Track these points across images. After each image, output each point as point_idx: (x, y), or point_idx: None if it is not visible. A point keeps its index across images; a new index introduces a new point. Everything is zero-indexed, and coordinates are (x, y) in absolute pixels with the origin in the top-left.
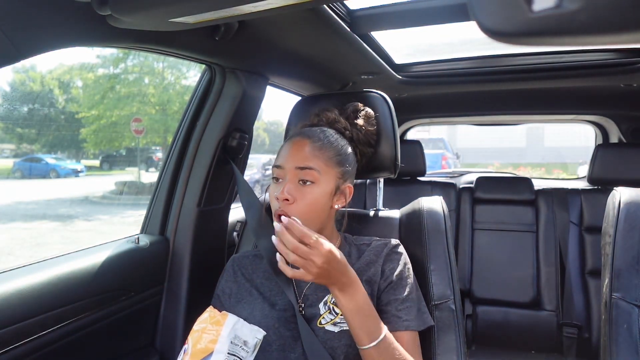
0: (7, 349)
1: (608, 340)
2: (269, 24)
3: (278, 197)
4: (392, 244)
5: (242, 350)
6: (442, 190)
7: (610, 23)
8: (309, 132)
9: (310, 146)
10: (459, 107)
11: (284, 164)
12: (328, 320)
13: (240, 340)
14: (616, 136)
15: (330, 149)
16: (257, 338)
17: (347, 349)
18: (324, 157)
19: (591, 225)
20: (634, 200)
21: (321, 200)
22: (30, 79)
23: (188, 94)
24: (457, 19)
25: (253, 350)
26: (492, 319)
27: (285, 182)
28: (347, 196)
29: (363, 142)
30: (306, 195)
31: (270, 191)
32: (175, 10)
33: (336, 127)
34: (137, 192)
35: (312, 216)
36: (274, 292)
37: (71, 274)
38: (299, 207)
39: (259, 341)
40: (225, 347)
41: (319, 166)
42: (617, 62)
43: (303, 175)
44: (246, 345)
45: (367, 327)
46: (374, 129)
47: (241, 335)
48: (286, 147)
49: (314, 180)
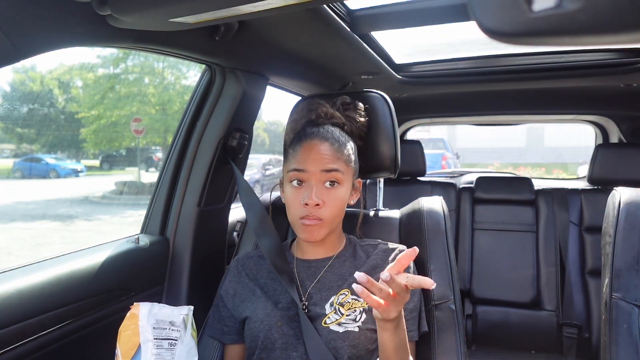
0: (7, 349)
1: (608, 340)
2: (269, 24)
3: (307, 203)
4: (400, 250)
5: (172, 332)
6: (442, 190)
7: (610, 23)
8: (324, 134)
9: (331, 148)
10: (459, 107)
11: (308, 168)
12: (333, 320)
13: (165, 323)
14: (616, 136)
15: (344, 148)
16: (182, 314)
17: (351, 349)
18: (343, 157)
19: (591, 225)
20: (634, 200)
21: (345, 199)
22: (30, 79)
23: (188, 93)
24: (457, 19)
25: (185, 327)
26: (492, 319)
27: (310, 186)
28: (359, 190)
29: (355, 135)
30: (333, 197)
31: (292, 196)
32: (175, 10)
33: (335, 123)
34: (137, 192)
35: (338, 215)
36: (277, 292)
37: (71, 274)
38: (328, 209)
39: (186, 316)
40: (150, 334)
41: (342, 167)
42: (617, 62)
43: (329, 177)
44: (174, 325)
45: (403, 358)
46: (363, 120)
47: (163, 317)
48: (305, 150)
49: (339, 181)
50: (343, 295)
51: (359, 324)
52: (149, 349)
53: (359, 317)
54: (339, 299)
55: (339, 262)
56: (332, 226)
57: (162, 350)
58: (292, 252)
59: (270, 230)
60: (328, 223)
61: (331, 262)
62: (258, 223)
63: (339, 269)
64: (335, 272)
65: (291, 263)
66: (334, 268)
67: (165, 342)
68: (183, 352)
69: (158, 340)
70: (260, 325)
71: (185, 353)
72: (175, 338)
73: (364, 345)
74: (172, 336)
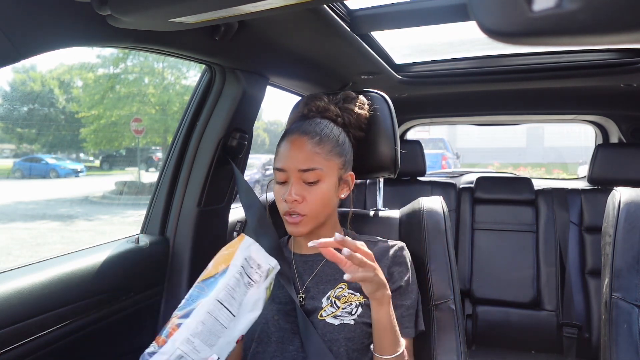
0: (7, 349)
1: (608, 340)
2: (269, 24)
3: (286, 200)
4: (399, 246)
5: (255, 274)
6: (442, 190)
7: (610, 23)
8: (305, 128)
9: (310, 143)
10: (459, 107)
11: (286, 167)
12: (329, 312)
13: (254, 263)
14: (616, 136)
15: (328, 141)
16: (269, 265)
17: (346, 342)
18: (324, 152)
19: (591, 225)
20: (634, 200)
21: (328, 194)
22: (30, 79)
23: (188, 94)
24: (457, 19)
25: (266, 277)
26: (492, 319)
27: (290, 183)
28: (351, 184)
29: (355, 126)
30: (314, 193)
31: (276, 193)
32: (175, 10)
33: (327, 116)
34: (137, 192)
35: (321, 210)
36: (275, 286)
37: (71, 274)
38: (309, 204)
39: (272, 269)
40: (239, 264)
41: (321, 163)
42: (617, 62)
43: (307, 177)
44: (259, 269)
45: (394, 339)
46: (365, 112)
47: (255, 257)
48: (285, 146)
49: (318, 179)
50: (340, 289)
51: (354, 317)
52: (232, 275)
53: (355, 310)
54: (336, 292)
55: None
56: (318, 220)
57: (241, 283)
58: (290, 247)
59: (269, 230)
60: (312, 218)
61: None
62: (257, 223)
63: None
64: (332, 265)
65: (289, 258)
66: (330, 262)
67: (246, 278)
68: (253, 297)
69: (242, 273)
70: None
71: (254, 299)
72: (255, 281)
73: (360, 338)
74: (253, 277)
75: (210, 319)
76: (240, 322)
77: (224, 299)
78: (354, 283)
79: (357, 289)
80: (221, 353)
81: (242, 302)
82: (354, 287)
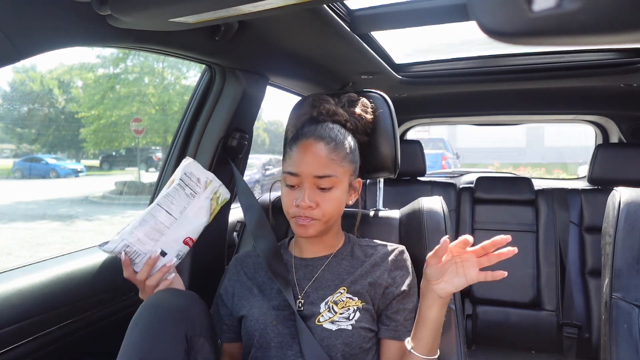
0: (7, 349)
1: (608, 340)
2: (269, 24)
3: (299, 205)
4: (399, 250)
5: (196, 186)
6: (442, 190)
7: (610, 23)
8: (320, 133)
9: (325, 149)
10: (459, 107)
11: (301, 172)
12: (327, 318)
13: (194, 177)
14: (616, 136)
15: (342, 148)
16: (207, 178)
17: (344, 347)
18: (339, 158)
19: (591, 225)
20: (634, 200)
21: (341, 199)
22: (30, 79)
23: (188, 94)
24: (457, 19)
25: (205, 187)
26: (492, 319)
27: (303, 188)
28: (359, 190)
29: (361, 131)
30: (327, 199)
31: (285, 196)
32: (175, 10)
33: (337, 120)
34: (137, 192)
35: (334, 215)
36: (274, 291)
37: (71, 274)
38: (322, 210)
39: (209, 181)
40: (179, 176)
41: (336, 170)
42: (617, 62)
43: (321, 183)
44: (199, 182)
45: (438, 341)
46: (370, 118)
47: (194, 172)
48: (300, 151)
49: (332, 185)
50: (339, 294)
51: (352, 322)
52: (173, 186)
53: (353, 315)
54: (334, 297)
55: (336, 260)
56: (328, 225)
57: (182, 193)
58: (290, 250)
59: (268, 232)
60: (322, 222)
61: (329, 260)
62: (255, 225)
63: (336, 268)
64: (332, 270)
65: (289, 261)
66: (331, 266)
67: (188, 190)
68: (196, 205)
69: (183, 185)
70: (256, 324)
71: (197, 207)
72: (197, 192)
73: (357, 343)
74: (195, 190)
75: (151, 218)
76: (183, 225)
77: (163, 202)
78: (354, 287)
79: (356, 294)
80: (168, 249)
81: (185, 208)
82: (352, 292)
